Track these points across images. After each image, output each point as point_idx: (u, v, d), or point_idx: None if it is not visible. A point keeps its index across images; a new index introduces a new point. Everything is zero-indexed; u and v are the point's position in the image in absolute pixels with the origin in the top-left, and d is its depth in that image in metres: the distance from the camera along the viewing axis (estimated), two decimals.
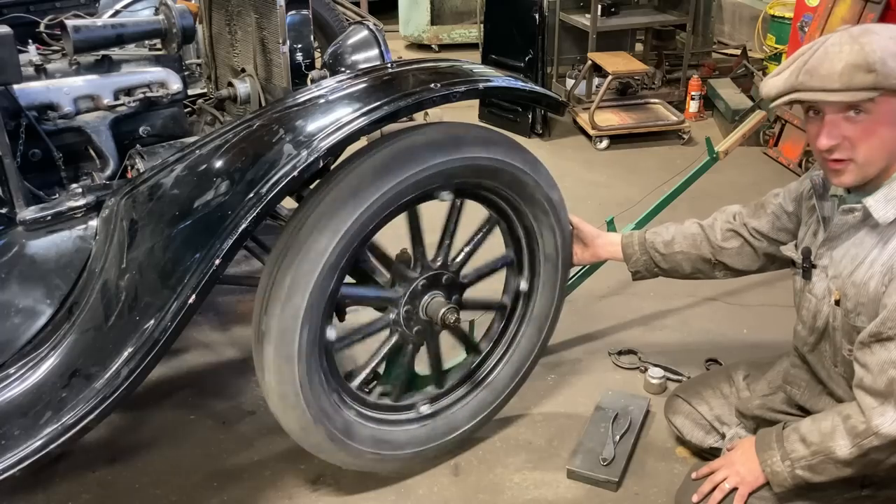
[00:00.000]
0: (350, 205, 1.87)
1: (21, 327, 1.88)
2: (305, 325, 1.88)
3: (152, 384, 2.62)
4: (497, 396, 2.41)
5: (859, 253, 1.75)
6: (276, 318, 1.87)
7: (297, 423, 1.99)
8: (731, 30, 6.78)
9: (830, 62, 1.61)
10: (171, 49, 2.34)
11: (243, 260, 2.96)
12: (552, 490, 2.28)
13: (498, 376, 2.40)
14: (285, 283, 1.86)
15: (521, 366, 2.43)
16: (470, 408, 2.36)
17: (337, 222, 1.86)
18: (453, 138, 2.02)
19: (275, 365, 1.90)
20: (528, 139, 4.98)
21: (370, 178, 1.89)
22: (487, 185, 2.14)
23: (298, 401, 1.95)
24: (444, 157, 1.98)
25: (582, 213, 2.48)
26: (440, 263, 2.18)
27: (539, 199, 2.22)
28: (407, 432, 2.23)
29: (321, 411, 2.00)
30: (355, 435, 2.10)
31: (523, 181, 2.16)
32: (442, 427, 2.30)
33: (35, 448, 1.69)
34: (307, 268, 1.86)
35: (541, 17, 4.92)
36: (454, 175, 2.02)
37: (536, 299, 2.39)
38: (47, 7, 2.59)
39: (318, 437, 2.03)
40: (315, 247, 1.85)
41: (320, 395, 1.99)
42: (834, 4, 4.13)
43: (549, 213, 2.25)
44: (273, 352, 1.89)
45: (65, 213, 1.98)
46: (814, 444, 1.74)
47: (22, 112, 2.04)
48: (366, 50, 2.42)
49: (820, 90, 1.63)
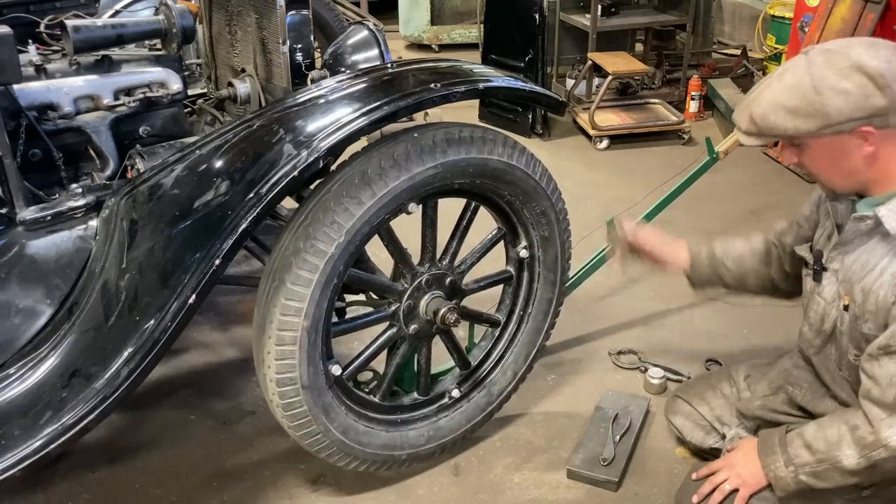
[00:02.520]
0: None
1: (21, 327, 1.88)
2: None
3: (152, 384, 2.62)
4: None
5: (870, 260, 1.74)
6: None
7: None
8: (731, 30, 6.78)
9: (752, 105, 1.70)
10: (171, 49, 2.34)
11: (243, 260, 2.96)
12: (552, 490, 2.28)
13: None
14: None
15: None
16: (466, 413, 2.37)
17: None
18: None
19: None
20: (528, 139, 4.98)
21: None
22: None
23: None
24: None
25: (582, 213, 2.49)
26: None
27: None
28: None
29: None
30: (332, 415, 2.08)
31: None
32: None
33: (35, 448, 1.69)
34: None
35: (541, 17, 4.92)
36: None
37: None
38: (47, 7, 2.58)
39: (319, 437, 2.03)
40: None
41: (314, 357, 1.97)
42: (834, 4, 4.13)
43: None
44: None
45: (65, 213, 1.98)
46: (819, 451, 1.74)
47: (22, 112, 2.03)
48: (366, 50, 2.42)
49: (739, 132, 1.75)
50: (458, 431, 2.35)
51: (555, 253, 2.34)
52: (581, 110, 5.13)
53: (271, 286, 1.89)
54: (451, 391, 2.35)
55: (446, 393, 2.34)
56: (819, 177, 1.76)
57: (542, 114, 5.06)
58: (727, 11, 6.78)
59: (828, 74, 1.59)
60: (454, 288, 2.21)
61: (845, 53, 1.61)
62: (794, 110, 1.62)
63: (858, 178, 1.71)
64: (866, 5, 3.92)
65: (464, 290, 2.26)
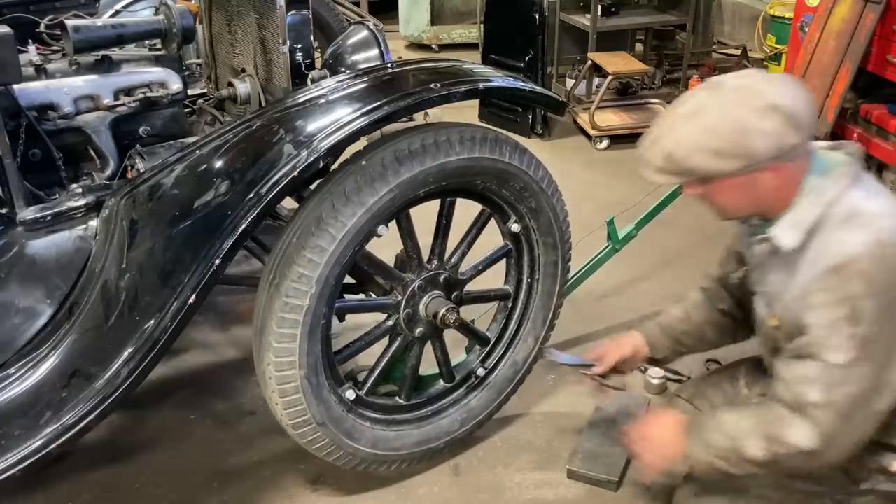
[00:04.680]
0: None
1: (21, 327, 1.88)
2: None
3: (152, 384, 2.61)
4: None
5: (781, 279, 1.77)
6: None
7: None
8: (731, 30, 6.78)
9: (663, 142, 1.70)
10: (171, 49, 2.34)
11: (243, 260, 2.96)
12: (552, 490, 2.28)
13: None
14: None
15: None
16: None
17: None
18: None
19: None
20: (528, 139, 4.98)
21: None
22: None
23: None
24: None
25: (582, 213, 2.48)
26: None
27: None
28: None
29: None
30: (357, 435, 2.11)
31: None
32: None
33: (35, 448, 1.70)
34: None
35: (541, 18, 4.92)
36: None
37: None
38: (47, 7, 2.58)
39: (350, 458, 2.11)
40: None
41: (322, 394, 1.99)
42: (834, 4, 4.12)
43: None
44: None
45: (65, 213, 1.99)
46: (730, 438, 1.77)
47: (22, 112, 2.03)
48: (366, 50, 2.43)
49: (649, 169, 1.75)
50: (489, 407, 2.39)
51: (547, 219, 2.31)
52: (581, 110, 5.13)
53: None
54: (476, 370, 2.38)
55: (471, 373, 2.38)
56: (724, 208, 1.76)
57: (542, 114, 5.06)
58: (727, 11, 6.78)
59: (747, 115, 1.61)
60: (450, 283, 2.20)
61: (757, 91, 1.63)
62: (719, 152, 1.63)
63: (760, 207, 1.74)
64: (866, 5, 3.92)
65: (461, 281, 2.25)
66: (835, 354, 1.61)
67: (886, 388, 1.65)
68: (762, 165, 1.63)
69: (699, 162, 1.65)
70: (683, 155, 1.66)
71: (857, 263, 1.58)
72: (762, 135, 1.60)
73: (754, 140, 1.60)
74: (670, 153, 1.68)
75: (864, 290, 1.58)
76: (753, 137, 1.60)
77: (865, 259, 1.58)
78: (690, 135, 1.65)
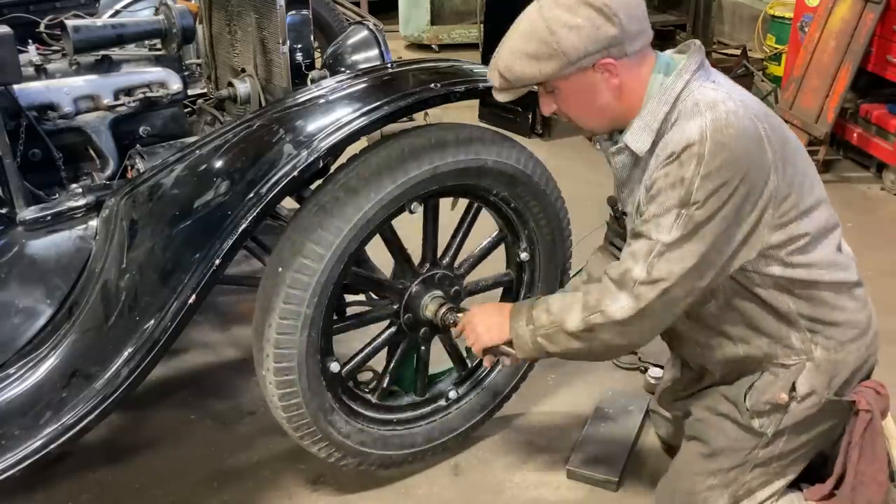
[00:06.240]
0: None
1: (21, 327, 1.88)
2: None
3: (152, 384, 2.61)
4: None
5: (641, 187, 1.77)
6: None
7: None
8: (731, 30, 6.78)
9: (497, 60, 1.72)
10: (171, 49, 2.34)
11: (243, 260, 2.96)
12: (552, 490, 2.28)
13: None
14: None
15: None
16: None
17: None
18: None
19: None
20: (528, 139, 4.98)
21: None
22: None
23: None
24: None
25: (582, 213, 2.48)
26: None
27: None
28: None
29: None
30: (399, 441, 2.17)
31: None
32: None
33: (35, 448, 1.70)
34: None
35: None
36: None
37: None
38: (47, 7, 2.58)
39: (363, 465, 2.13)
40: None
41: (321, 394, 1.99)
42: (834, 4, 4.13)
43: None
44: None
45: (65, 213, 1.99)
46: (553, 314, 1.80)
47: (22, 112, 2.03)
48: (366, 50, 2.43)
49: (494, 90, 1.78)
50: (489, 407, 2.40)
51: (543, 204, 2.30)
52: None
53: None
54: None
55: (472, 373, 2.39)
56: (578, 121, 1.79)
57: (542, 114, 5.05)
58: (727, 11, 6.78)
59: (558, 14, 1.62)
60: (448, 281, 2.20)
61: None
62: (535, 55, 1.64)
63: (612, 115, 1.74)
64: (866, 5, 3.92)
65: (459, 276, 2.25)
66: (664, 233, 1.63)
67: (711, 268, 1.66)
68: (585, 63, 1.64)
69: (521, 69, 1.67)
70: (507, 66, 1.69)
71: (694, 147, 1.59)
72: (573, 30, 1.61)
73: (564, 37, 1.61)
74: (501, 70, 1.71)
75: (698, 170, 1.59)
76: (563, 34, 1.61)
77: (702, 142, 1.59)
78: (511, 44, 1.69)
